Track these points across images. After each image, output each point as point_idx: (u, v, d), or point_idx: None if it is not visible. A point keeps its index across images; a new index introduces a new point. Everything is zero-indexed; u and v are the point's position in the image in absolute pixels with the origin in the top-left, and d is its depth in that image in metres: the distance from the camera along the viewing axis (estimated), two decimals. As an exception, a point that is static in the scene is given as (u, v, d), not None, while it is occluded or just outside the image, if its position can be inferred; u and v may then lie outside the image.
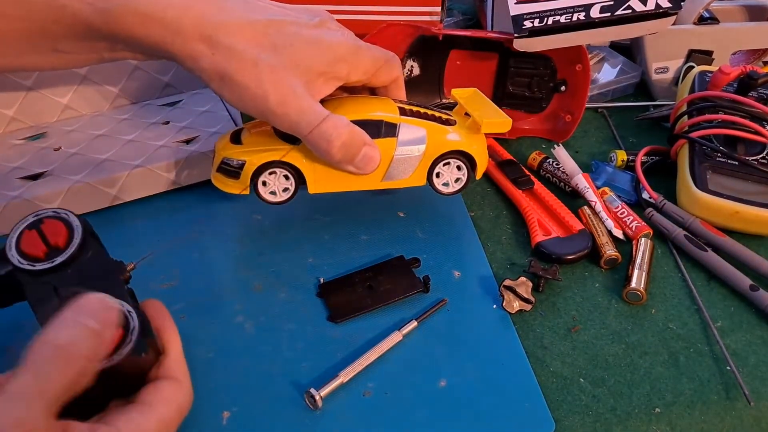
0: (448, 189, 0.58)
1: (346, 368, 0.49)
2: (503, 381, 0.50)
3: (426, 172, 0.57)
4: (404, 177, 0.56)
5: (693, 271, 0.60)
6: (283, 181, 0.55)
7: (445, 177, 0.58)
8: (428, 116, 0.57)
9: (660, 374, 0.51)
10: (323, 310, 0.55)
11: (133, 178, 0.63)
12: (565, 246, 0.60)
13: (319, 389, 0.47)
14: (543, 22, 0.68)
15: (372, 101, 0.57)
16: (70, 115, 0.71)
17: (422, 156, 0.56)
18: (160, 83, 0.74)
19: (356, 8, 0.78)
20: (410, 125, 0.55)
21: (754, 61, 0.85)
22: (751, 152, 0.65)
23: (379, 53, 0.54)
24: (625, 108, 0.82)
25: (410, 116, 0.55)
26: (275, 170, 0.54)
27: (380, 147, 0.54)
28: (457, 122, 0.58)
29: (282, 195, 0.55)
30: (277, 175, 0.54)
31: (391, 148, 0.55)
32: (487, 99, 0.61)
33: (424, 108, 0.58)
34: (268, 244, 0.61)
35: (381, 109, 0.55)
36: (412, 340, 0.53)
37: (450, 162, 0.57)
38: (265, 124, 0.57)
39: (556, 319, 0.55)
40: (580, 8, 0.68)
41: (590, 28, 0.68)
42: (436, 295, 0.56)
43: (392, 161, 0.55)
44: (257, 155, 0.53)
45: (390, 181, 0.56)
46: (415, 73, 0.76)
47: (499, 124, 0.56)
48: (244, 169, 0.54)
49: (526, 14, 0.69)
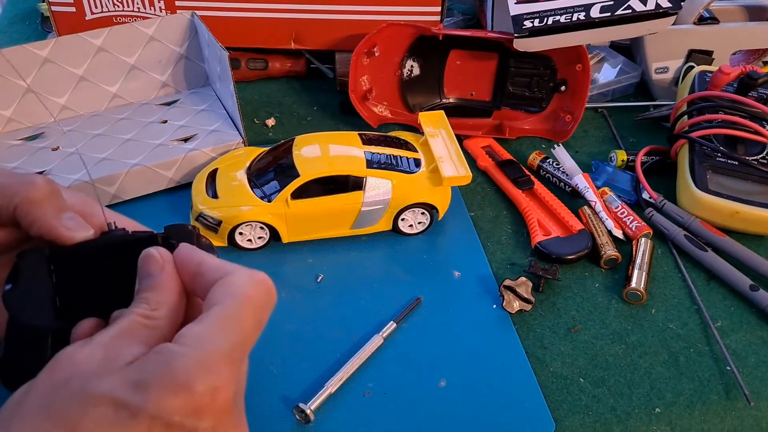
0: (411, 230, 0.62)
1: (333, 378, 0.48)
2: (503, 381, 0.50)
3: (392, 220, 0.61)
4: (371, 225, 0.61)
5: (693, 271, 0.60)
6: (259, 231, 0.59)
7: (410, 221, 0.61)
8: (391, 165, 0.60)
9: (660, 374, 0.51)
10: (323, 308, 0.55)
11: (132, 176, 0.63)
12: (565, 246, 0.60)
13: (308, 403, 0.47)
14: (543, 22, 0.68)
15: (338, 136, 0.62)
16: (68, 115, 0.71)
17: (388, 208, 0.59)
18: (157, 83, 0.74)
19: (356, 8, 0.78)
20: (377, 178, 0.59)
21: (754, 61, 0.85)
22: (751, 152, 0.65)
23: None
24: (625, 108, 0.82)
25: (376, 166, 0.59)
26: (251, 222, 0.58)
27: (348, 200, 0.58)
28: (422, 159, 0.61)
29: (257, 242, 0.59)
30: (252, 227, 0.58)
31: (358, 202, 0.58)
32: (450, 131, 0.64)
33: (387, 144, 0.62)
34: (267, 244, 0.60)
35: (348, 161, 0.59)
36: (411, 340, 0.53)
37: (414, 209, 0.60)
38: (237, 160, 0.62)
39: (556, 319, 0.55)
40: (580, 8, 0.68)
41: (590, 28, 0.68)
42: (436, 295, 0.56)
43: (360, 213, 0.59)
44: (232, 215, 0.57)
45: (358, 228, 0.61)
46: (415, 73, 0.76)
47: (459, 179, 0.59)
48: (221, 228, 0.58)
49: (526, 14, 0.69)
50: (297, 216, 0.58)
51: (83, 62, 0.69)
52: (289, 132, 0.76)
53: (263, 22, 0.79)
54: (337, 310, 0.55)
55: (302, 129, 0.76)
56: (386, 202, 0.59)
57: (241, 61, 0.82)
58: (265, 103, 0.80)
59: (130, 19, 0.78)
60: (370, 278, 0.58)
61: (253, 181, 0.59)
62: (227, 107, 0.71)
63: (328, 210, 0.58)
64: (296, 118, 0.78)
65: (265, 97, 0.81)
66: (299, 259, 0.59)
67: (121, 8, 0.77)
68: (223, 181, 0.60)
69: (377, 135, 0.64)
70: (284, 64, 0.83)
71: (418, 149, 0.63)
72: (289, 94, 0.82)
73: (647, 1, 0.67)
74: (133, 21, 0.77)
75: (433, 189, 0.60)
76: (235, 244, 0.59)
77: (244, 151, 0.64)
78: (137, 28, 0.69)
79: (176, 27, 0.71)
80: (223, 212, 0.58)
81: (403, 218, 0.61)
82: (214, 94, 0.75)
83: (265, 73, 0.83)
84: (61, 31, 0.77)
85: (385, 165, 0.59)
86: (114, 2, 0.77)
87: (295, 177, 0.57)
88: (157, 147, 0.65)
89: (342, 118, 0.78)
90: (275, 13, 0.78)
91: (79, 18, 0.77)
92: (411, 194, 0.59)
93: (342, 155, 0.60)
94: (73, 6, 0.76)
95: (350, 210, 0.59)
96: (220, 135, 0.67)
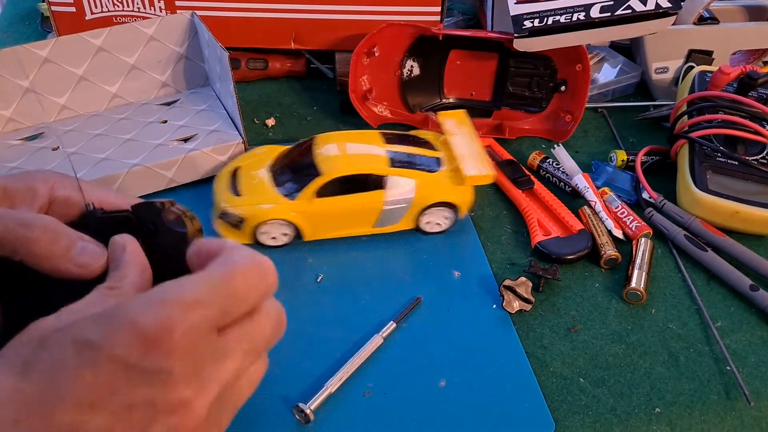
0: (433, 229, 0.62)
1: (333, 378, 0.48)
2: (503, 381, 0.50)
3: (414, 218, 0.61)
4: (394, 224, 0.61)
5: (693, 271, 0.60)
6: (283, 229, 0.59)
7: (432, 220, 0.61)
8: (413, 164, 0.60)
9: (660, 374, 0.51)
10: (323, 308, 0.55)
11: (132, 176, 0.63)
12: (565, 246, 0.60)
13: (308, 402, 0.46)
14: (543, 22, 0.68)
15: (360, 135, 0.62)
16: (67, 115, 0.71)
17: (410, 207, 0.59)
18: (157, 83, 0.74)
19: (356, 8, 0.78)
20: (399, 177, 0.58)
21: (754, 61, 0.85)
22: (751, 152, 0.65)
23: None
24: (625, 108, 0.82)
25: (398, 165, 0.59)
26: (274, 220, 0.58)
27: (371, 199, 0.58)
28: (442, 158, 0.61)
29: (281, 239, 0.60)
30: (276, 225, 0.58)
31: (380, 200, 0.58)
32: (472, 131, 0.64)
33: (408, 143, 0.62)
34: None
35: (369, 160, 0.59)
36: (411, 340, 0.53)
37: (436, 208, 0.60)
38: (259, 158, 0.62)
39: (556, 319, 0.55)
40: (580, 8, 0.68)
41: (590, 28, 0.68)
42: (436, 295, 0.56)
43: (382, 212, 0.59)
44: (255, 213, 0.57)
45: (381, 227, 0.61)
46: (415, 73, 0.76)
47: (481, 178, 0.60)
48: (244, 225, 0.58)
49: (526, 14, 0.69)
50: (320, 214, 0.58)
51: (83, 62, 0.69)
52: (289, 132, 0.76)
53: (263, 22, 0.79)
54: (337, 310, 0.55)
55: (302, 129, 0.76)
56: (409, 201, 0.59)
57: (241, 61, 0.82)
58: (265, 103, 0.80)
59: (130, 19, 0.78)
60: (370, 278, 0.58)
61: (275, 179, 0.59)
62: (227, 107, 0.71)
63: (350, 208, 0.58)
64: (296, 118, 0.78)
65: (265, 97, 0.81)
66: (299, 259, 0.59)
67: (121, 8, 0.77)
68: (245, 180, 0.60)
69: (398, 134, 0.64)
70: (284, 64, 0.84)
71: (439, 148, 0.63)
72: (289, 94, 0.82)
73: (647, 1, 0.67)
74: (133, 21, 0.77)
75: (455, 188, 0.60)
76: (258, 242, 0.59)
77: (265, 150, 0.65)
78: (137, 28, 0.69)
79: (176, 27, 0.71)
80: (246, 210, 0.58)
81: (426, 218, 0.61)
82: (214, 94, 0.75)
83: (265, 73, 0.84)
84: (61, 31, 0.77)
85: (407, 164, 0.59)
86: (114, 2, 0.77)
87: (318, 175, 0.57)
88: (157, 147, 0.65)
89: (342, 118, 0.78)
90: (275, 13, 0.79)
91: (79, 18, 0.77)
92: (433, 193, 0.59)
93: (364, 154, 0.60)
94: (73, 6, 0.76)
95: (373, 208, 0.59)
96: (220, 135, 0.67)
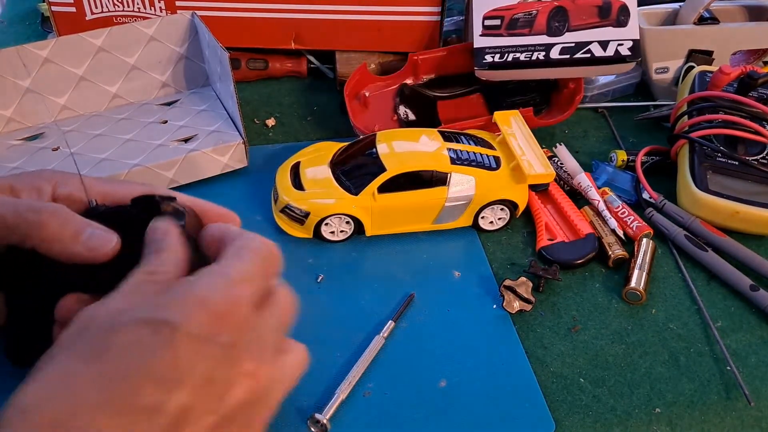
0: (491, 227, 0.63)
1: (342, 384, 0.48)
2: (503, 381, 0.50)
3: (473, 216, 0.62)
4: (453, 221, 0.62)
5: (693, 271, 0.60)
6: (344, 225, 0.60)
7: (489, 217, 0.62)
8: (474, 161, 0.60)
9: (660, 374, 0.51)
10: (323, 308, 0.55)
11: (132, 177, 0.63)
12: (569, 251, 0.60)
13: (322, 412, 0.46)
14: (503, 58, 0.70)
15: (420, 132, 0.63)
16: (68, 115, 0.71)
17: (470, 203, 0.60)
18: (157, 83, 0.74)
19: (356, 8, 0.78)
20: (461, 174, 0.59)
21: (754, 61, 0.85)
22: (751, 152, 0.65)
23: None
24: (625, 108, 0.82)
25: (459, 163, 0.59)
26: (338, 215, 0.59)
27: (432, 195, 0.59)
28: (500, 158, 0.62)
29: (340, 235, 0.61)
30: (338, 219, 0.59)
31: (442, 197, 0.59)
32: (528, 131, 0.64)
33: (467, 141, 0.62)
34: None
35: (432, 156, 0.60)
36: (411, 340, 0.53)
37: (494, 206, 0.61)
38: (319, 154, 0.63)
39: (556, 319, 0.55)
40: (541, 47, 0.70)
41: (548, 67, 0.70)
42: (436, 295, 0.56)
43: (443, 208, 0.60)
44: (320, 207, 0.59)
45: (440, 223, 0.61)
46: (411, 118, 0.76)
47: (544, 177, 0.60)
48: (308, 219, 0.59)
49: (488, 48, 0.71)
50: (382, 209, 0.59)
51: (83, 62, 0.69)
52: (289, 132, 0.76)
53: (263, 22, 0.79)
54: (337, 310, 0.55)
55: (302, 129, 0.76)
56: (469, 198, 0.60)
57: (241, 61, 0.82)
58: (265, 103, 0.80)
59: (130, 19, 0.78)
60: (370, 278, 0.58)
61: (337, 175, 0.60)
62: (227, 107, 0.71)
63: (412, 204, 0.59)
64: (296, 118, 0.78)
65: (265, 97, 0.81)
66: (299, 259, 0.59)
67: (121, 8, 0.77)
68: (307, 175, 0.61)
69: (456, 132, 0.64)
70: (284, 64, 0.83)
71: (496, 147, 0.64)
72: (289, 94, 0.82)
73: (607, 48, 0.69)
74: (133, 21, 0.77)
75: (515, 186, 0.61)
76: (320, 236, 0.60)
77: (325, 146, 0.65)
78: (137, 28, 0.69)
79: (176, 27, 0.71)
80: (310, 204, 0.59)
81: (483, 215, 0.61)
82: (215, 95, 0.75)
83: (265, 73, 0.83)
84: (61, 31, 0.77)
85: (468, 161, 0.60)
86: (114, 2, 0.77)
87: (382, 171, 0.58)
88: (157, 147, 0.65)
89: (342, 119, 0.78)
90: (275, 13, 0.78)
91: (79, 18, 0.77)
92: (493, 191, 0.60)
93: (426, 151, 0.61)
94: (73, 6, 0.76)
95: (434, 205, 0.60)
96: (221, 135, 0.67)
